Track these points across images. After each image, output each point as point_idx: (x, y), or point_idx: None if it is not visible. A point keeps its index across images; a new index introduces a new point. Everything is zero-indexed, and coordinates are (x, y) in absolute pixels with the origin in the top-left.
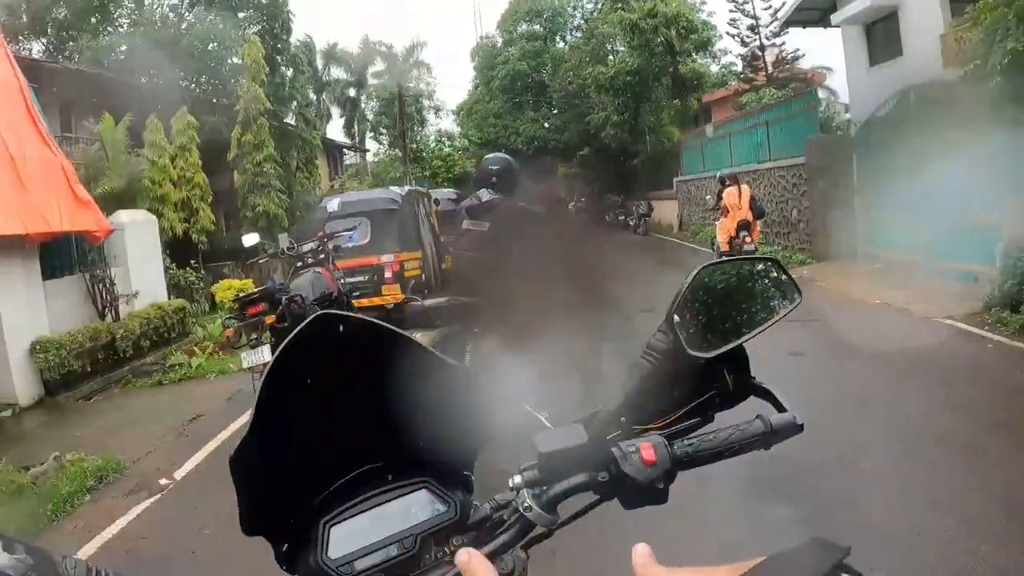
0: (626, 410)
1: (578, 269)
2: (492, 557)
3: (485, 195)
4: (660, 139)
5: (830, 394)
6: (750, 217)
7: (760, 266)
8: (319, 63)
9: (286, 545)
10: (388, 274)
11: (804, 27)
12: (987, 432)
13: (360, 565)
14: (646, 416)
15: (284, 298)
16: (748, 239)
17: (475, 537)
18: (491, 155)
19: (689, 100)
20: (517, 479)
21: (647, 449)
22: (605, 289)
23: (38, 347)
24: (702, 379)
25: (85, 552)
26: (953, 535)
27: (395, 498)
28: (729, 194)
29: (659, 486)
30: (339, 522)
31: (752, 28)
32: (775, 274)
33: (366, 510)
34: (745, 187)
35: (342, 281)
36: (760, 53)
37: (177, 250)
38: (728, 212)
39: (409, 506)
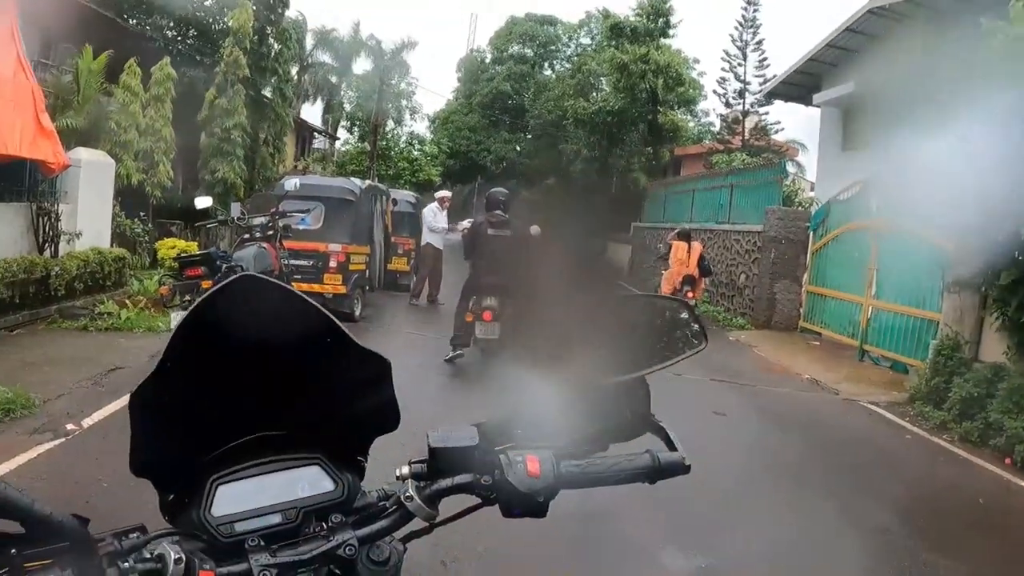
0: (523, 423)
1: None
2: (368, 542)
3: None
4: (627, 182)
5: (743, 455)
6: (696, 274)
7: (672, 307)
8: (308, 43)
9: (172, 495)
10: (333, 263)
11: (787, 101)
12: (893, 517)
13: (240, 527)
14: (542, 433)
15: (224, 266)
16: (691, 294)
17: (356, 520)
18: (496, 188)
19: (662, 150)
20: (404, 469)
21: (533, 462)
22: None
23: None
24: (602, 406)
25: None
26: None
27: (286, 469)
28: (679, 247)
29: (539, 499)
30: (228, 482)
31: (739, 92)
32: (685, 317)
33: (256, 475)
34: (696, 244)
35: (286, 261)
36: (741, 118)
37: (129, 199)
38: (676, 265)
39: (298, 479)
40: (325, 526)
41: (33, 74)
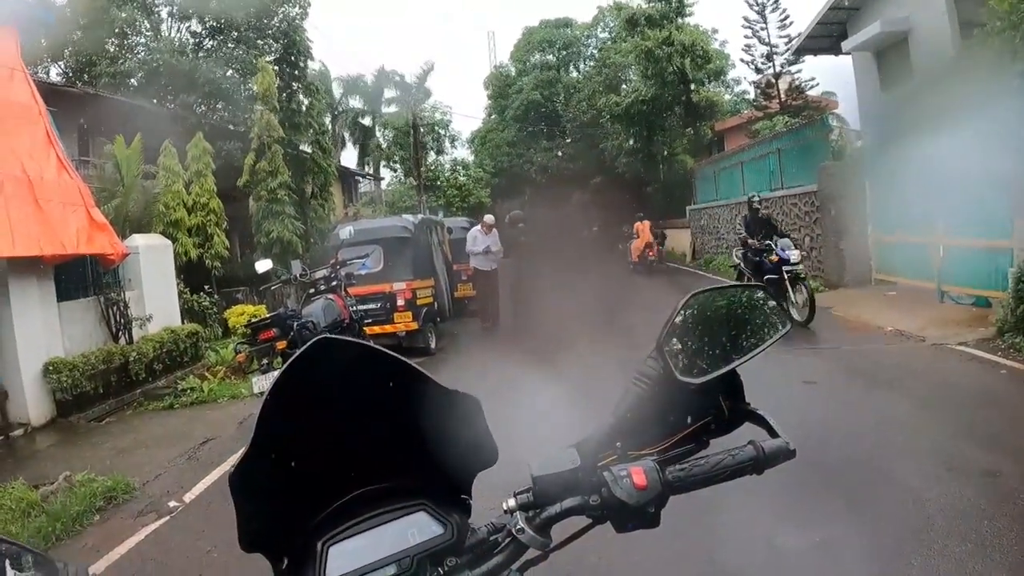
0: (620, 435)
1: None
2: None
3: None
4: (674, 167)
5: (843, 423)
6: (651, 240)
7: (750, 294)
8: (336, 91)
9: (285, 563)
10: (400, 302)
11: (816, 55)
12: (1001, 458)
13: None
14: (641, 441)
15: (296, 324)
16: (651, 252)
17: (470, 559)
18: (515, 211)
19: (702, 128)
20: (511, 502)
21: (638, 474)
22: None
23: (51, 368)
24: (697, 405)
25: (92, 572)
26: (969, 560)
27: (393, 519)
28: (640, 227)
29: (650, 510)
30: (338, 542)
31: (767, 56)
32: (764, 302)
33: (365, 531)
34: (647, 221)
35: (354, 308)
36: (774, 81)
37: (191, 275)
38: (639, 236)
39: (407, 528)
40: (441, 571)
41: (76, 172)
